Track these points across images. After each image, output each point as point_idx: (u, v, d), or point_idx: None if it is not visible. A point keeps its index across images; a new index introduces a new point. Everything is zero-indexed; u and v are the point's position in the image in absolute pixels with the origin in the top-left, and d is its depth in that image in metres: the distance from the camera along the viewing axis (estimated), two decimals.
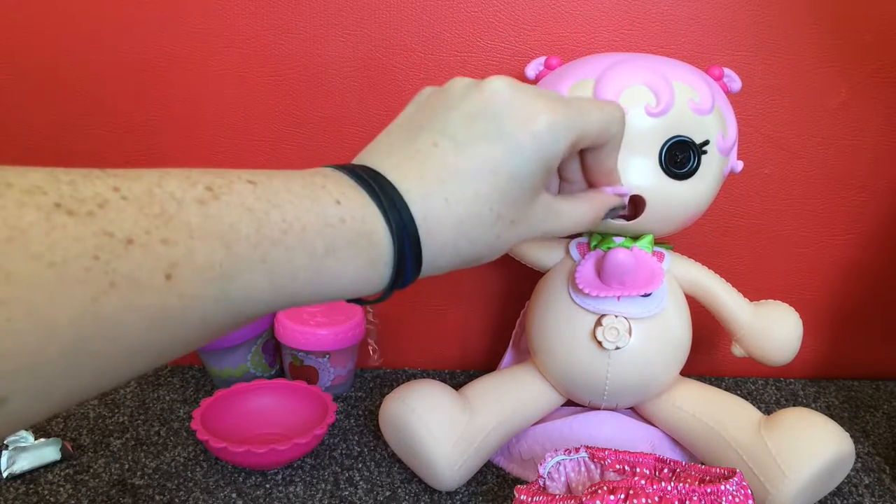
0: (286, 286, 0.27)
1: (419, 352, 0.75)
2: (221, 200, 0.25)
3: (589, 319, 0.55)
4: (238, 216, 0.25)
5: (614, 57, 0.55)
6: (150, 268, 0.22)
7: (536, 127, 0.30)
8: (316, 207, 0.27)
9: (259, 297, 0.26)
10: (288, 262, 0.26)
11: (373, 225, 0.28)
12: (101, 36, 0.64)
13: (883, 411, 0.69)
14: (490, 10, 0.64)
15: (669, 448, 0.58)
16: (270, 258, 0.26)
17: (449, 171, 0.30)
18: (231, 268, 0.25)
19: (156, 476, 0.56)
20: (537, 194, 0.32)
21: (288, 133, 0.67)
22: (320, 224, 0.27)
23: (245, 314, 0.26)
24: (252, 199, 0.26)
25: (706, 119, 0.54)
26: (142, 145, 0.67)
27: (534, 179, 0.31)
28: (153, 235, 0.23)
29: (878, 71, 0.65)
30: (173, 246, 0.23)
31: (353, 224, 0.28)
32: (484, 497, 0.55)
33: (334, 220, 0.27)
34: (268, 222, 0.26)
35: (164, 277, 0.23)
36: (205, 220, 0.24)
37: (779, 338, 0.57)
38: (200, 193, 0.25)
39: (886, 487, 0.57)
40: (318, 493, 0.55)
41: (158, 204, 0.23)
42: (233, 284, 0.25)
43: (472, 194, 0.30)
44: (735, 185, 0.67)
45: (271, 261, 0.26)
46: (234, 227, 0.25)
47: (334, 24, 0.64)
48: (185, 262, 0.23)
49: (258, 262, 0.25)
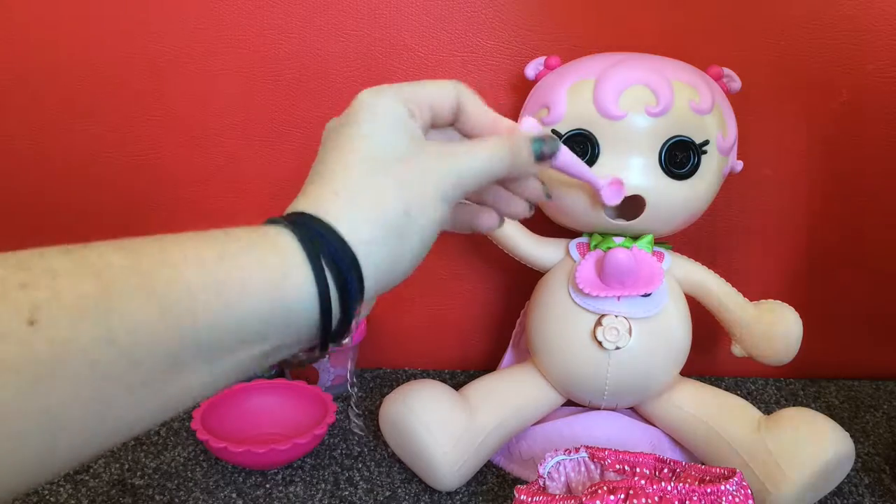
0: (181, 313, 0.23)
1: (419, 352, 0.75)
2: (89, 247, 0.23)
3: (589, 319, 0.55)
4: (112, 249, 0.23)
5: (614, 57, 0.56)
6: (7, 317, 0.20)
7: (374, 107, 0.31)
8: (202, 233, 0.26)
9: (152, 332, 0.23)
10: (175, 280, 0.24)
11: (271, 227, 0.28)
12: (101, 36, 0.64)
13: (883, 411, 0.69)
14: (490, 10, 0.64)
15: (669, 448, 0.58)
16: (154, 280, 0.23)
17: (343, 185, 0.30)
18: (106, 299, 0.22)
19: (156, 476, 0.56)
20: (415, 152, 0.31)
21: (288, 133, 0.67)
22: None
23: (153, 359, 0.23)
24: (117, 250, 0.24)
25: (706, 119, 0.54)
26: (142, 145, 0.67)
27: (394, 143, 0.30)
28: (9, 282, 0.21)
29: (878, 71, 0.65)
30: (33, 289, 0.21)
31: (247, 231, 0.27)
32: (484, 497, 0.55)
33: (218, 232, 0.26)
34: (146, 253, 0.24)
35: (27, 324, 0.20)
36: (70, 262, 0.22)
37: (779, 338, 0.57)
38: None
39: (886, 487, 0.57)
40: (318, 493, 0.55)
41: (14, 256, 0.22)
42: (113, 316, 0.22)
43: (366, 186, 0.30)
44: (735, 185, 0.67)
45: (155, 282, 0.23)
46: (104, 257, 0.23)
47: (334, 24, 0.64)
48: (49, 304, 0.21)
49: (137, 288, 0.23)
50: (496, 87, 0.66)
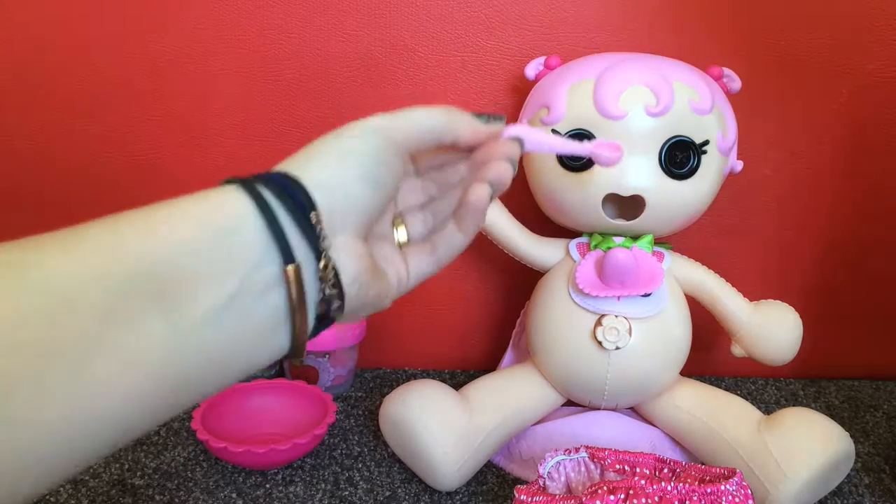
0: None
1: (419, 352, 0.75)
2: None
3: (589, 319, 0.55)
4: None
5: (614, 57, 0.56)
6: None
7: (355, 129, 0.32)
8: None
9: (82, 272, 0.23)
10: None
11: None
12: (101, 36, 0.64)
13: (883, 411, 0.69)
14: (490, 10, 0.64)
15: (669, 448, 0.58)
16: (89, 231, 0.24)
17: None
18: (36, 248, 0.23)
19: (156, 476, 0.56)
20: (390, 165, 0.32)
21: (288, 133, 0.67)
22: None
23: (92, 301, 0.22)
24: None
25: (706, 119, 0.54)
26: (142, 145, 0.67)
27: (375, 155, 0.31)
28: None
29: (878, 71, 0.65)
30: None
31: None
32: (484, 497, 0.55)
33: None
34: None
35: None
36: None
37: (779, 338, 0.57)
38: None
39: (886, 487, 0.57)
40: (318, 493, 0.55)
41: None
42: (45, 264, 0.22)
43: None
44: (735, 185, 0.67)
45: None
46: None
47: (334, 24, 0.64)
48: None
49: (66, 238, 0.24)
50: (496, 87, 0.66)
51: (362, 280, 0.30)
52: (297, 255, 0.27)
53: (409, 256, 0.35)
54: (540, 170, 0.57)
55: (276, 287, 0.27)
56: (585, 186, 0.54)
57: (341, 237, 0.29)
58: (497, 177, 0.34)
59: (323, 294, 0.28)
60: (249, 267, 0.26)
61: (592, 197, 0.54)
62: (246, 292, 0.26)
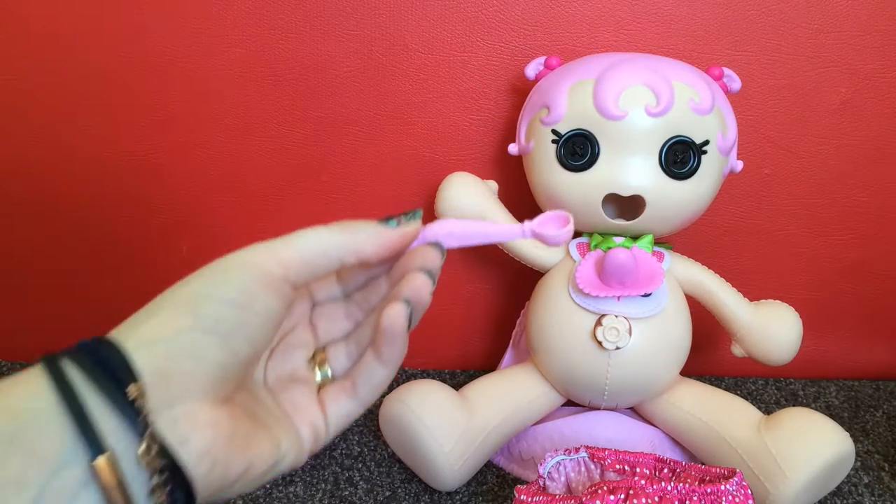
0: None
1: (419, 352, 0.75)
2: None
3: (589, 319, 0.55)
4: None
5: (614, 57, 0.56)
6: None
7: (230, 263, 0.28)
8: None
9: None
10: None
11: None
12: (101, 36, 0.64)
13: (883, 411, 0.69)
14: (490, 10, 0.64)
15: (669, 448, 0.58)
16: None
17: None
18: None
19: None
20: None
21: (288, 133, 0.67)
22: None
23: None
24: None
25: (706, 119, 0.54)
26: (142, 145, 0.67)
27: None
28: None
29: (878, 71, 0.65)
30: None
31: None
32: (484, 497, 0.55)
33: None
34: None
35: None
36: None
37: (779, 338, 0.57)
38: None
39: (886, 486, 0.57)
40: (318, 493, 0.55)
41: None
42: None
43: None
44: (735, 185, 0.67)
45: None
46: None
47: (334, 24, 0.64)
48: None
49: None
50: (496, 87, 0.66)
51: (216, 456, 0.24)
52: (110, 443, 0.22)
53: (327, 399, 0.30)
54: (540, 169, 0.57)
55: (88, 488, 0.22)
56: (585, 186, 0.54)
57: (182, 406, 0.24)
58: (413, 292, 0.29)
59: (154, 484, 0.23)
60: (49, 473, 0.21)
61: (592, 197, 0.54)
62: (56, 490, 0.21)
